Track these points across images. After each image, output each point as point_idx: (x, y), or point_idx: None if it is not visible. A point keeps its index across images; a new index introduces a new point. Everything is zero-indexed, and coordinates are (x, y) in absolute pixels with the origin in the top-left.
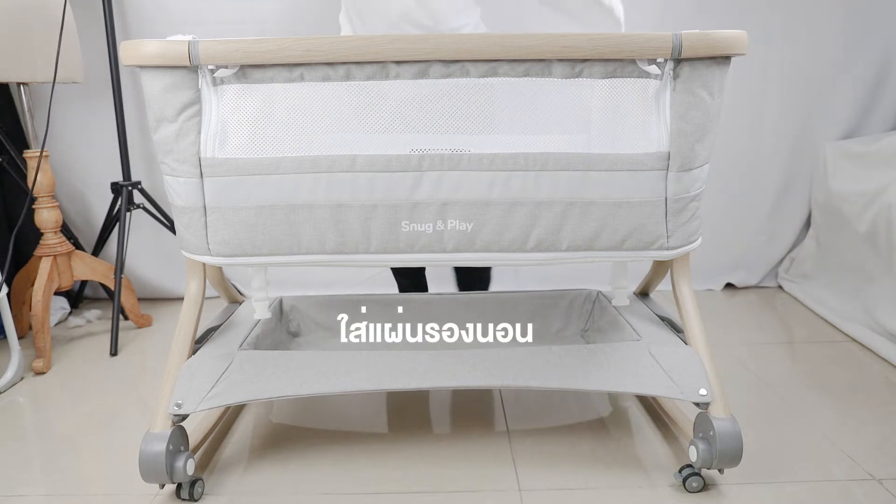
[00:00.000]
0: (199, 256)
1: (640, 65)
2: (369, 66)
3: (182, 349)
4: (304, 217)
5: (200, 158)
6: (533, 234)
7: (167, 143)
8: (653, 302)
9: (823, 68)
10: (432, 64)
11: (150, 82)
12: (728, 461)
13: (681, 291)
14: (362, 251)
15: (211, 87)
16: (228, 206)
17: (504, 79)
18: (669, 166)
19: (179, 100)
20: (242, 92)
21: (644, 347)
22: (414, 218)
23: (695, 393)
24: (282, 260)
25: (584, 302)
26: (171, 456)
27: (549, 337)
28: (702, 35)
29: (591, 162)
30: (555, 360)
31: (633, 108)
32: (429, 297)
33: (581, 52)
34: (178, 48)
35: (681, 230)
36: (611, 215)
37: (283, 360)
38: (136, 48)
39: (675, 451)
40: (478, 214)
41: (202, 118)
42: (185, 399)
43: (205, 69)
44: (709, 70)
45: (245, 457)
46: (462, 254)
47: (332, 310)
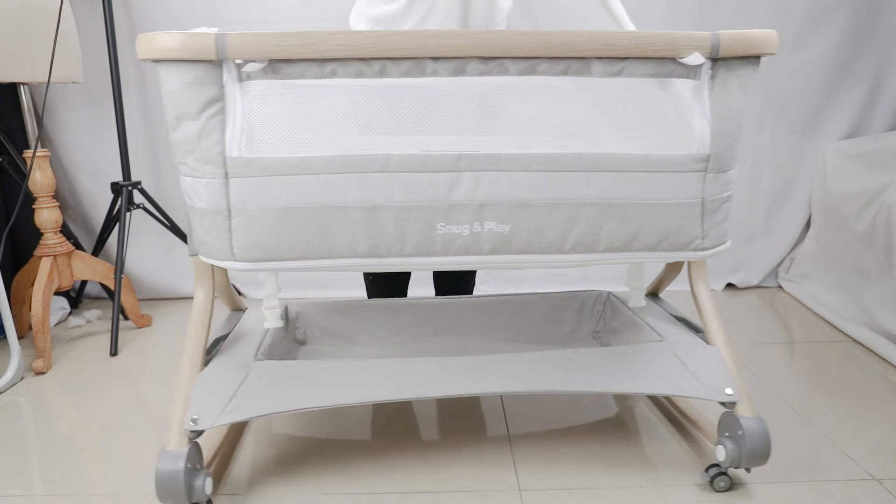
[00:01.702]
0: (222, 262)
1: (682, 61)
2: (405, 62)
3: (193, 361)
4: (335, 219)
5: (225, 158)
6: (571, 236)
7: (188, 142)
8: (665, 302)
9: (823, 68)
10: (470, 61)
11: (169, 78)
12: (757, 460)
13: (699, 291)
14: (396, 254)
15: (236, 83)
16: (255, 208)
17: (542, 77)
18: (708, 167)
19: (202, 96)
20: (270, 88)
21: (668, 348)
22: (450, 220)
23: (721, 392)
24: (311, 264)
25: (594, 303)
26: (189, 475)
27: (561, 339)
28: (737, 34)
29: (631, 163)
30: (581, 363)
31: (674, 109)
32: (438, 301)
33: (622, 49)
34: (204, 41)
35: (715, 231)
36: (649, 217)
37: (303, 370)
38: (154, 41)
39: (675, 451)
40: (515, 216)
41: (226, 116)
42: (201, 414)
43: (230, 64)
44: (743, 69)
45: (249, 461)
46: (499, 256)
47: (340, 316)
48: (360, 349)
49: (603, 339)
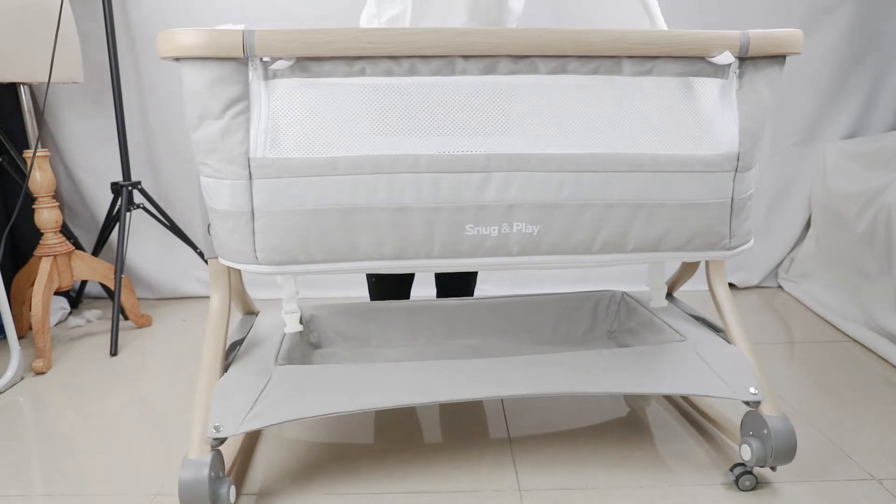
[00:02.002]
0: (245, 265)
1: (712, 60)
2: (435, 60)
3: (213, 367)
4: (362, 221)
5: (249, 159)
6: (599, 236)
7: (211, 142)
8: (681, 302)
9: (824, 69)
10: (500, 59)
11: (192, 76)
12: (783, 458)
13: (718, 291)
14: (423, 256)
15: (261, 81)
16: (279, 209)
17: (574, 77)
18: (738, 167)
19: (227, 95)
20: (296, 87)
21: (690, 348)
22: (479, 221)
23: (745, 391)
24: (336, 267)
25: (609, 303)
26: (213, 483)
27: (577, 339)
28: (766, 34)
29: (662, 163)
30: (605, 364)
31: (703, 108)
32: (452, 302)
33: (653, 48)
34: (231, 38)
35: (740, 229)
36: (680, 217)
37: (325, 374)
38: (177, 38)
39: (677, 451)
40: (545, 216)
41: (251, 115)
42: (223, 421)
43: (257, 61)
44: (770, 68)
45: (249, 461)
46: (527, 257)
47: (354, 319)
48: (377, 352)
49: (619, 339)
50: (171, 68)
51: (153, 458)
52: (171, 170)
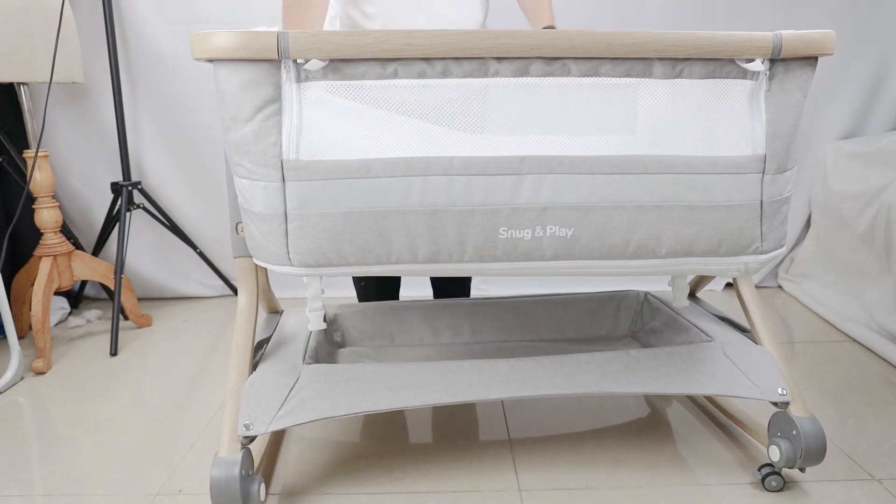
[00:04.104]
0: (277, 266)
1: (740, 63)
2: (468, 62)
3: (242, 366)
4: (395, 224)
5: (282, 161)
6: (633, 239)
7: (244, 144)
8: (704, 302)
9: (823, 68)
10: (534, 61)
11: (225, 77)
12: (813, 459)
13: (744, 291)
14: (456, 260)
15: (294, 84)
16: (313, 212)
17: (605, 79)
18: (766, 168)
19: (259, 97)
20: (329, 89)
21: (718, 348)
22: (512, 224)
23: (774, 392)
24: (369, 270)
25: (632, 303)
26: (244, 481)
27: (600, 339)
28: (799, 35)
29: (692, 165)
30: (634, 364)
31: (731, 110)
32: (475, 301)
33: (684, 50)
34: (265, 40)
35: (774, 233)
36: (709, 219)
37: (355, 373)
38: (210, 40)
39: (677, 452)
40: (578, 219)
41: (283, 117)
42: (253, 420)
43: (290, 63)
44: (802, 70)
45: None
46: (561, 262)
47: (377, 317)
48: (400, 350)
49: (642, 339)
50: (171, 68)
51: (153, 458)
52: (171, 170)
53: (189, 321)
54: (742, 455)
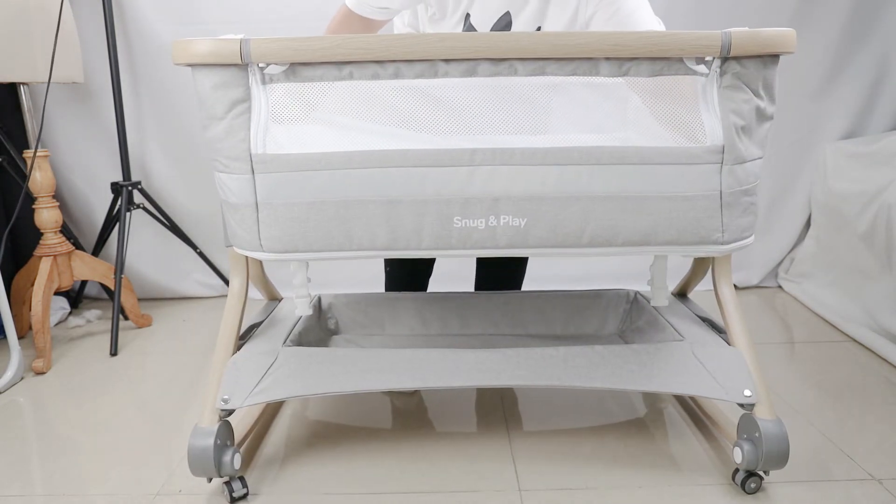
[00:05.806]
0: (251, 252)
1: (688, 63)
2: (418, 64)
3: (227, 345)
4: (355, 213)
5: (251, 155)
6: (588, 230)
7: (218, 140)
8: (692, 302)
9: (823, 68)
10: (480, 62)
11: (201, 81)
12: (774, 463)
13: (722, 292)
14: (413, 248)
15: (260, 85)
16: (279, 202)
17: (553, 78)
18: (724, 160)
19: (229, 97)
20: (291, 89)
21: (687, 348)
22: (466, 214)
23: (739, 394)
24: (333, 255)
25: (621, 302)
26: (218, 450)
27: (587, 337)
28: (751, 33)
29: (646, 156)
30: (598, 359)
31: (684, 103)
32: (466, 295)
33: (630, 50)
34: (230, 46)
35: (734, 225)
36: (665, 210)
37: (328, 356)
38: (188, 47)
39: (676, 452)
40: (531, 210)
41: (251, 115)
42: (231, 394)
43: (254, 67)
44: (755, 68)
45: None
46: (516, 250)
47: (370, 307)
48: (390, 339)
49: (628, 337)
50: (172, 68)
51: (153, 458)
52: (171, 170)
53: (189, 321)
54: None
